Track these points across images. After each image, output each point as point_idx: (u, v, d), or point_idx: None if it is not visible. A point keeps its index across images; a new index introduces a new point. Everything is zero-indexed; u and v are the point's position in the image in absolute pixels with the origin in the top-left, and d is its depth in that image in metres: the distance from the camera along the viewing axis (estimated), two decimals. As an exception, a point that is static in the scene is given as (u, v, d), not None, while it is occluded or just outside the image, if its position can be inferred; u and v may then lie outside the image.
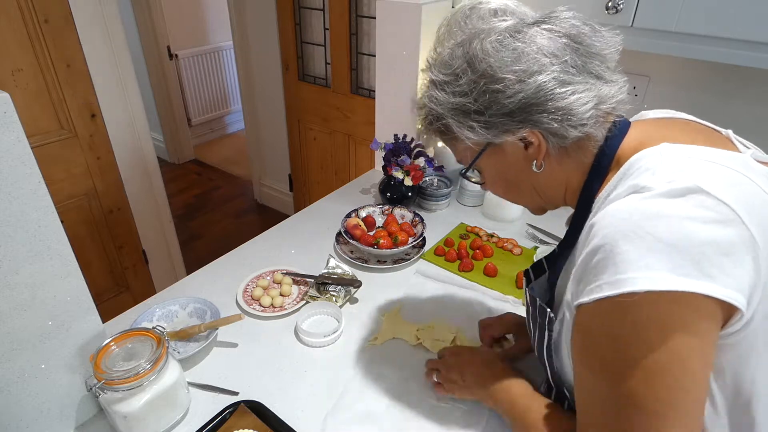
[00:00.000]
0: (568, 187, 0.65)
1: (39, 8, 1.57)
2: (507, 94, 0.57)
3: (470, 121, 0.60)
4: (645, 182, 0.50)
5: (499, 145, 0.62)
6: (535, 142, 0.60)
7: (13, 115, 0.62)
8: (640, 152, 0.55)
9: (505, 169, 0.66)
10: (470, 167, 0.68)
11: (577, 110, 0.56)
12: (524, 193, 0.69)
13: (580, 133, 0.57)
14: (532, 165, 0.63)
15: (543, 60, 0.56)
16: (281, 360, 0.94)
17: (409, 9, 1.37)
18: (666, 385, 0.47)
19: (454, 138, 0.65)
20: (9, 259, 0.66)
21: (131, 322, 0.98)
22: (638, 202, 0.49)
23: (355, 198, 1.52)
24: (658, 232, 0.46)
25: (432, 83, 0.63)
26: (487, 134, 0.60)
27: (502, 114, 0.58)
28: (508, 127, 0.59)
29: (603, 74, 0.58)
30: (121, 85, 1.88)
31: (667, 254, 0.45)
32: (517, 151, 0.62)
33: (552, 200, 0.68)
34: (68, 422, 0.80)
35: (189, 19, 3.79)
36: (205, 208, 3.43)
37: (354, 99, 2.47)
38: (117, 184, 1.99)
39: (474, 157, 0.66)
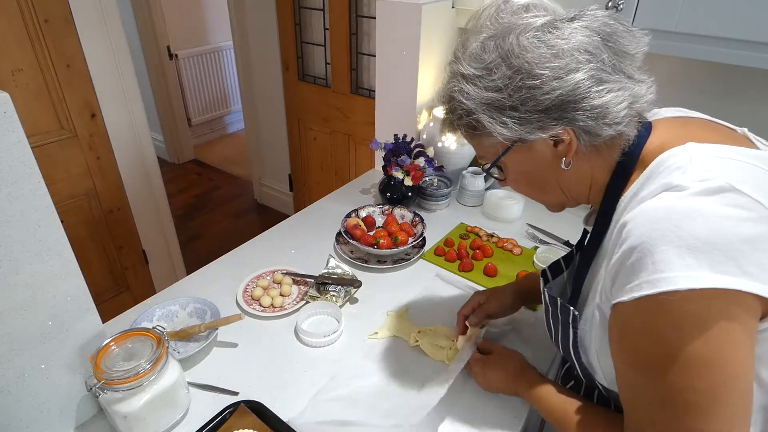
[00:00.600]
0: (593, 185, 0.65)
1: (39, 8, 1.57)
2: (544, 90, 0.56)
3: (504, 117, 0.59)
4: (677, 181, 0.50)
5: (529, 142, 0.61)
6: (567, 140, 0.59)
7: (13, 115, 0.62)
8: (667, 151, 0.55)
9: (533, 166, 0.65)
10: (495, 164, 0.67)
11: (613, 109, 0.56)
12: (548, 190, 0.68)
13: (614, 131, 0.58)
14: (560, 162, 0.62)
15: (580, 57, 0.55)
16: (281, 360, 0.94)
17: (409, 9, 1.37)
18: (710, 379, 0.48)
19: (481, 134, 0.63)
20: (9, 259, 0.66)
21: (131, 322, 0.98)
22: (674, 200, 0.49)
23: (355, 198, 1.52)
24: (695, 230, 0.47)
25: (462, 77, 0.61)
26: (521, 130, 0.59)
27: (537, 110, 0.57)
28: (542, 124, 0.58)
29: (633, 74, 0.58)
30: (121, 85, 1.88)
31: (706, 252, 0.46)
32: (545, 148, 0.62)
33: (576, 197, 0.68)
34: (68, 422, 0.80)
35: (189, 19, 3.79)
36: (205, 208, 3.43)
37: (354, 99, 2.47)
38: (117, 184, 1.99)
39: (501, 154, 0.65)
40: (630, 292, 0.50)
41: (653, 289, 0.48)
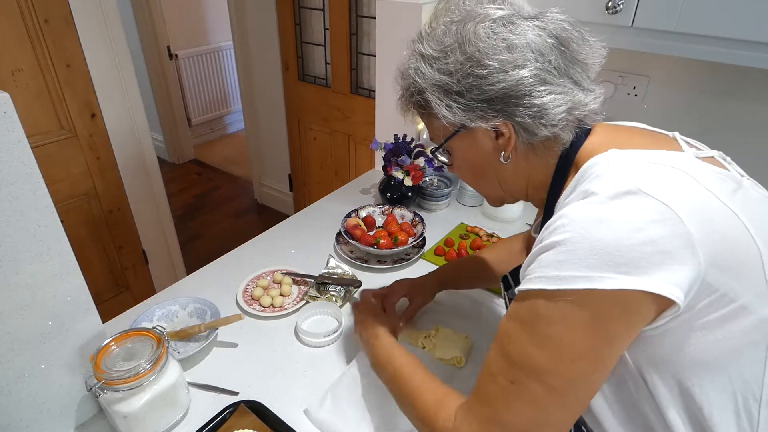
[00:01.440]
0: (530, 183, 0.68)
1: (39, 8, 1.57)
2: (489, 81, 0.58)
3: (450, 101, 0.61)
4: (593, 188, 0.53)
5: (472, 130, 0.64)
6: (506, 134, 0.62)
7: (13, 115, 0.62)
8: (592, 158, 0.58)
9: (474, 154, 0.67)
10: (441, 147, 0.70)
11: (551, 111, 0.58)
12: (488, 182, 0.71)
13: (549, 133, 0.60)
14: (500, 155, 0.65)
15: (528, 55, 0.57)
16: (281, 360, 0.94)
17: (409, 9, 1.37)
18: (578, 370, 0.51)
19: (430, 114, 0.66)
20: (9, 259, 0.66)
21: (131, 322, 0.98)
22: (584, 206, 0.52)
23: (355, 198, 1.52)
24: (600, 234, 0.49)
25: (421, 56, 0.64)
26: (464, 116, 0.61)
27: (481, 99, 0.60)
28: (484, 114, 0.60)
29: (582, 82, 0.60)
30: (121, 85, 1.88)
31: (608, 254, 0.48)
32: (487, 139, 0.64)
33: (513, 193, 0.71)
34: (68, 422, 0.80)
35: (189, 19, 3.79)
36: (205, 208, 3.43)
37: (354, 99, 2.47)
38: (117, 184, 1.99)
39: (446, 137, 0.67)
40: (531, 282, 0.53)
41: (552, 285, 0.50)
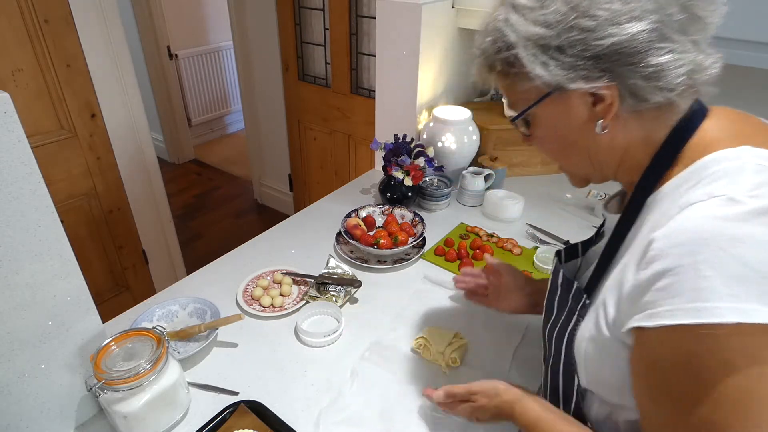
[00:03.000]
0: (623, 160, 0.58)
1: (39, 8, 1.57)
2: (597, 35, 0.50)
3: (546, 57, 0.53)
4: (724, 191, 0.45)
5: (566, 94, 0.55)
6: (608, 99, 0.53)
7: (13, 115, 0.62)
8: (718, 152, 0.49)
9: (565, 123, 0.58)
10: (525, 112, 0.60)
11: (670, 72, 0.50)
12: (575, 156, 0.61)
13: (663, 99, 0.51)
14: (594, 125, 0.55)
15: (647, 5, 0.49)
16: (281, 360, 0.94)
17: (409, 9, 1.37)
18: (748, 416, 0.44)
19: (516, 75, 0.57)
20: (9, 259, 0.66)
21: (131, 322, 0.98)
22: (721, 222, 0.44)
23: (355, 198, 1.52)
24: (745, 258, 0.42)
25: (512, 6, 0.55)
26: (562, 76, 0.53)
27: (585, 57, 0.51)
28: (587, 74, 0.52)
29: (700, 43, 0.51)
30: (121, 85, 1.88)
31: (757, 284, 0.41)
32: (582, 105, 0.55)
33: (603, 170, 0.61)
34: (68, 422, 0.80)
35: (189, 19, 3.79)
36: (205, 208, 3.43)
37: (354, 99, 2.47)
38: (117, 184, 1.99)
39: (533, 102, 0.58)
40: (659, 318, 0.45)
41: (693, 319, 0.43)
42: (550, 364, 0.70)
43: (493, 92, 1.80)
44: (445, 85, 1.62)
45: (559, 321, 0.68)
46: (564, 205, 1.47)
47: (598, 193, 1.45)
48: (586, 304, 0.61)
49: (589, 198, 1.45)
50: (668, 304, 0.44)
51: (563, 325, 0.66)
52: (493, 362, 0.93)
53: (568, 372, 0.65)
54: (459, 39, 1.57)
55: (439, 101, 1.63)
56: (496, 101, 1.77)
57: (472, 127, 1.50)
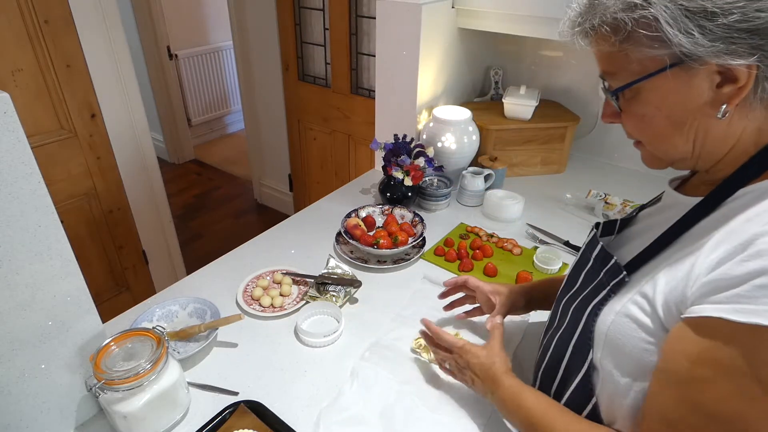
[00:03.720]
0: (731, 151, 0.53)
1: (39, 8, 1.57)
2: (760, 5, 0.43)
3: (691, 24, 0.45)
4: None
5: (694, 69, 0.48)
6: (741, 81, 0.47)
7: (13, 115, 0.62)
8: None
9: (679, 101, 0.51)
10: (633, 84, 0.52)
11: None
12: (679, 139, 0.54)
13: None
14: (714, 109, 0.49)
15: None
16: (281, 360, 0.94)
17: (409, 9, 1.37)
18: None
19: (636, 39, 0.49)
20: (9, 259, 0.66)
21: (131, 322, 0.98)
22: None
23: (355, 198, 1.52)
24: None
25: None
26: (706, 48, 0.46)
27: (740, 28, 0.44)
28: (736, 48, 0.45)
29: None
30: (121, 85, 1.88)
31: None
32: (706, 84, 0.49)
33: (704, 159, 0.55)
34: (68, 422, 0.80)
35: (189, 19, 3.79)
36: (205, 208, 3.43)
37: (354, 99, 2.47)
38: (117, 184, 1.99)
39: (649, 73, 0.51)
40: (755, 316, 0.42)
41: None
42: (559, 335, 0.69)
43: (493, 92, 1.80)
44: (445, 85, 1.62)
45: (581, 294, 0.65)
46: (564, 205, 1.47)
47: (597, 193, 1.45)
48: (625, 281, 0.58)
49: (589, 198, 1.45)
50: (758, 303, 0.42)
51: (586, 298, 0.64)
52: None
53: (582, 345, 0.64)
54: (459, 39, 1.57)
55: (439, 101, 1.63)
56: (495, 101, 1.77)
57: (472, 127, 1.50)
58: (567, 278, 0.73)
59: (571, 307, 0.67)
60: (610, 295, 0.60)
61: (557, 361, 0.69)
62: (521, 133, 1.57)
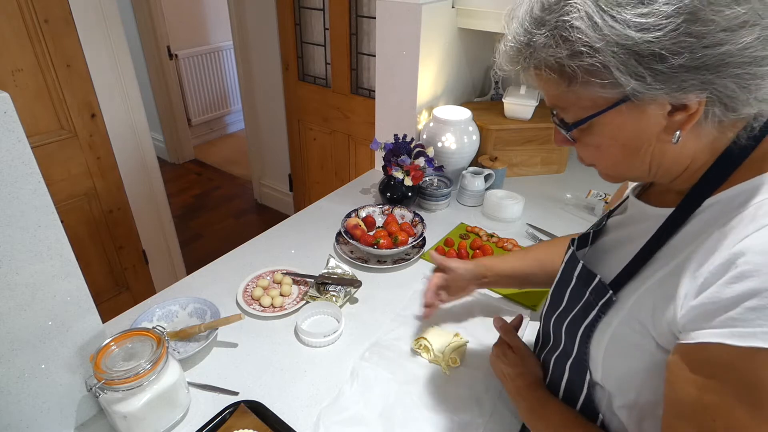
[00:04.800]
0: (688, 168, 0.54)
1: (39, 8, 1.57)
2: (706, 42, 0.43)
3: (641, 68, 0.45)
4: None
5: (643, 103, 0.49)
6: (691, 109, 0.47)
7: (13, 115, 0.62)
8: None
9: (633, 132, 0.52)
10: (584, 122, 0.53)
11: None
12: (634, 163, 0.55)
13: (756, 110, 0.48)
14: (667, 135, 0.50)
15: (758, 7, 0.43)
16: (281, 360, 0.94)
17: (409, 9, 1.37)
18: None
19: (587, 82, 0.49)
20: (9, 259, 0.66)
21: (131, 322, 0.98)
22: None
23: (355, 198, 1.52)
24: None
25: (598, 7, 0.45)
26: (659, 89, 0.46)
27: (689, 67, 0.44)
28: (686, 86, 0.45)
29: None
30: (121, 85, 1.88)
31: None
32: (658, 114, 0.49)
33: (664, 176, 0.56)
34: (68, 422, 0.80)
35: (189, 19, 3.79)
36: (205, 208, 3.43)
37: (354, 99, 2.47)
38: (117, 184, 1.99)
39: (601, 110, 0.51)
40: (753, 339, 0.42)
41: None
42: (555, 357, 0.69)
43: (493, 92, 1.80)
44: (445, 85, 1.62)
45: (569, 314, 0.65)
46: (564, 205, 1.47)
47: (597, 193, 1.45)
48: (612, 300, 0.58)
49: (589, 198, 1.45)
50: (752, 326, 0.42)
51: (576, 319, 0.63)
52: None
53: (579, 367, 0.64)
54: (459, 39, 1.57)
55: (439, 101, 1.63)
56: (495, 101, 1.77)
57: (472, 127, 1.50)
58: (551, 296, 0.73)
59: (562, 327, 0.67)
60: (600, 316, 0.59)
61: (557, 380, 0.70)
62: (521, 133, 1.57)
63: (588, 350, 0.61)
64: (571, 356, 0.65)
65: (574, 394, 0.66)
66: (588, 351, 0.61)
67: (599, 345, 0.59)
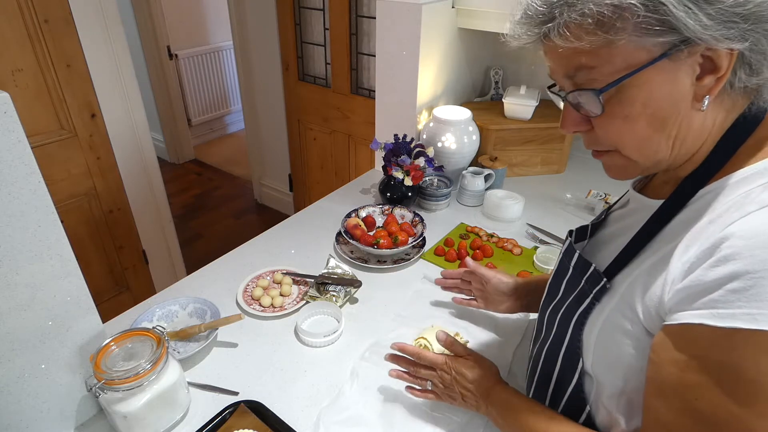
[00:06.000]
0: (703, 145, 0.52)
1: (39, 8, 1.57)
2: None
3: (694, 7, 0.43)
4: None
5: (677, 60, 0.46)
6: (722, 69, 0.46)
7: (13, 115, 0.62)
8: None
9: (665, 97, 0.49)
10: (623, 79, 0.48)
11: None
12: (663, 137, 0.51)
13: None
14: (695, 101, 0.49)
15: None
16: (281, 360, 0.94)
17: (409, 9, 1.37)
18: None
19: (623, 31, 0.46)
20: (9, 259, 0.66)
21: (131, 322, 0.98)
22: None
23: (355, 198, 1.52)
24: None
25: None
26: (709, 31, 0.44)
27: (734, 12, 0.44)
28: (731, 33, 0.44)
29: None
30: (121, 85, 1.88)
31: None
32: (688, 75, 0.47)
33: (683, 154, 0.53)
34: (68, 422, 0.80)
35: (189, 19, 3.79)
36: (205, 208, 3.43)
37: (354, 99, 2.47)
38: (117, 184, 1.99)
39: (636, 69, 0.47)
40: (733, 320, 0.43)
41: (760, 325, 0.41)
42: (547, 346, 0.69)
43: (493, 92, 1.80)
44: (445, 85, 1.62)
45: (564, 303, 0.66)
46: (564, 205, 1.47)
47: (597, 193, 1.45)
48: (606, 287, 0.58)
49: (589, 198, 1.45)
50: (748, 308, 0.42)
51: (570, 308, 0.64)
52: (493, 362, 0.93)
53: (571, 355, 0.64)
54: (459, 39, 1.57)
55: (439, 101, 1.63)
56: (495, 101, 1.77)
57: (472, 127, 1.50)
58: (548, 288, 0.73)
59: (557, 317, 0.67)
60: (594, 304, 0.60)
61: (549, 372, 0.69)
62: (521, 133, 1.57)
63: (581, 337, 0.62)
64: (564, 344, 0.65)
65: (563, 385, 0.66)
66: (581, 338, 0.62)
67: (591, 332, 0.60)
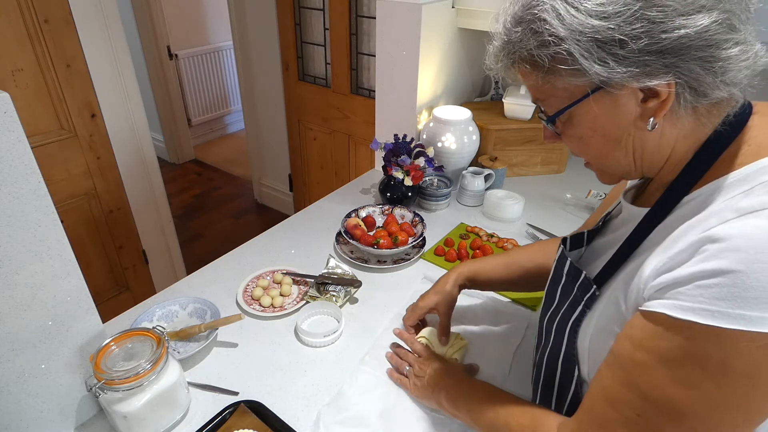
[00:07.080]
0: (670, 157, 0.55)
1: (39, 8, 1.57)
2: (664, 27, 0.45)
3: (604, 53, 0.48)
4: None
5: (617, 91, 0.50)
6: (663, 95, 0.49)
7: (13, 115, 0.62)
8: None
9: (610, 121, 0.54)
10: (563, 112, 0.55)
11: (737, 66, 0.47)
12: (617, 155, 0.57)
13: (726, 94, 0.49)
14: (645, 122, 0.52)
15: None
16: (281, 360, 0.94)
17: (409, 9, 1.37)
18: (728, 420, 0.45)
19: (559, 71, 0.52)
20: (9, 259, 0.66)
21: (131, 322, 0.98)
22: None
23: (355, 198, 1.52)
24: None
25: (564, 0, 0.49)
26: (621, 74, 0.48)
27: (650, 51, 0.46)
28: (650, 70, 0.47)
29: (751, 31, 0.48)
30: (121, 85, 1.88)
31: None
32: (631, 102, 0.51)
33: (646, 169, 0.58)
34: (68, 422, 0.80)
35: (189, 19, 3.79)
36: (205, 208, 3.43)
37: (354, 99, 2.47)
38: (117, 184, 1.99)
39: (576, 100, 0.53)
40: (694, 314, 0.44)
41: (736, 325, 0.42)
42: (548, 353, 0.70)
43: (493, 92, 1.80)
44: (445, 85, 1.62)
45: (560, 310, 0.67)
46: (564, 205, 1.47)
47: (597, 193, 1.45)
48: (596, 295, 0.60)
49: (588, 198, 1.45)
50: (712, 305, 0.44)
51: (565, 315, 0.65)
52: (493, 362, 0.93)
53: (569, 361, 0.65)
54: (459, 39, 1.57)
55: (439, 101, 1.63)
56: (495, 101, 1.77)
57: (472, 127, 1.50)
58: (545, 295, 0.74)
59: (553, 324, 0.68)
60: (585, 311, 0.61)
61: (551, 378, 0.70)
62: (521, 133, 1.57)
63: (576, 345, 0.63)
64: (562, 352, 0.66)
65: (564, 391, 0.67)
66: (576, 345, 0.63)
67: (585, 339, 0.61)
